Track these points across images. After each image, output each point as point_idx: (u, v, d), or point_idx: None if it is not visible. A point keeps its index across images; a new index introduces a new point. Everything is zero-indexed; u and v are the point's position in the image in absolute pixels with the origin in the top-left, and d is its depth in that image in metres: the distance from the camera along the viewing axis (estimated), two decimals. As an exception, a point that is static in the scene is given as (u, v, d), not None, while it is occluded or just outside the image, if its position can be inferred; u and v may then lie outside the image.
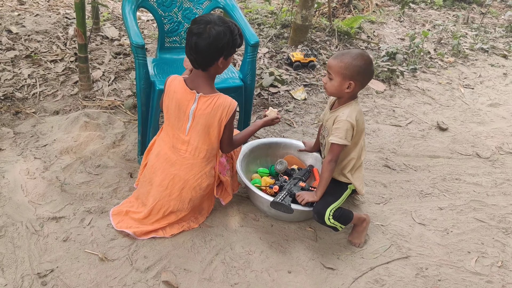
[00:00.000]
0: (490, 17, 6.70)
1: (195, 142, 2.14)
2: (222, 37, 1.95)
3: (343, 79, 2.10)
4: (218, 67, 2.05)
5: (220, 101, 2.05)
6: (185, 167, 2.19)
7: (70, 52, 3.89)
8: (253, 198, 2.47)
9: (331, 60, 2.14)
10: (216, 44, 1.95)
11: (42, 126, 2.94)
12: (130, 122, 3.08)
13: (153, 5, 2.80)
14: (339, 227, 2.21)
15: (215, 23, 1.95)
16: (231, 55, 2.07)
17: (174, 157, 2.19)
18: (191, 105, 2.07)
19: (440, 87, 4.29)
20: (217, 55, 1.99)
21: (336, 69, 2.10)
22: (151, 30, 4.64)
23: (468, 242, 2.45)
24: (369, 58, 2.12)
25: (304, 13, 4.45)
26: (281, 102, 3.64)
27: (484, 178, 3.02)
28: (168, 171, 2.21)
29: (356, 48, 2.15)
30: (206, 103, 2.05)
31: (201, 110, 2.06)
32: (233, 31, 2.00)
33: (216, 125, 2.09)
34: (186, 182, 2.20)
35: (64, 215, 2.28)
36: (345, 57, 2.08)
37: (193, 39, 1.96)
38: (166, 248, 2.18)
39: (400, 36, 5.47)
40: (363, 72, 2.09)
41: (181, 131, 2.14)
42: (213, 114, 2.06)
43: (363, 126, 2.25)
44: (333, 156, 2.17)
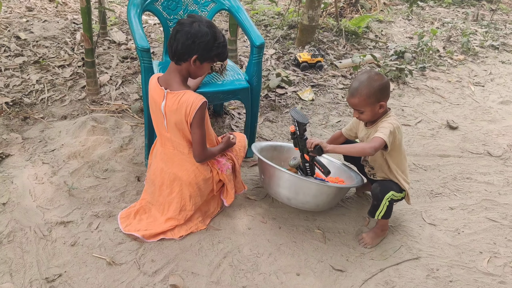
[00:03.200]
0: (500, 13, 6.62)
1: (176, 139, 2.17)
2: (202, 35, 1.98)
3: (372, 106, 2.14)
4: (190, 66, 2.04)
5: (184, 98, 2.04)
6: (177, 164, 2.22)
7: (77, 57, 3.91)
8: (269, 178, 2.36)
9: (351, 100, 2.16)
10: (194, 39, 1.97)
11: (50, 131, 2.95)
12: (137, 126, 3.08)
13: (159, 8, 2.80)
14: (380, 212, 2.23)
15: (202, 23, 2.00)
16: (207, 60, 2.07)
17: (166, 155, 2.25)
18: (161, 101, 2.09)
19: (450, 86, 4.24)
20: (192, 50, 1.99)
21: (361, 104, 2.14)
22: (157, 34, 4.65)
23: (480, 242, 2.41)
24: (377, 73, 2.16)
25: (311, 13, 4.43)
26: (288, 103, 3.62)
27: (496, 176, 2.97)
28: (164, 170, 2.25)
29: (361, 73, 2.15)
30: (172, 100, 2.06)
31: (169, 107, 2.08)
32: (217, 38, 2.03)
33: (184, 122, 2.08)
34: (181, 178, 2.22)
35: (72, 220, 2.29)
36: (361, 89, 2.11)
37: (177, 26, 2.02)
38: (173, 252, 2.17)
39: (409, 35, 5.42)
40: (383, 88, 2.13)
41: (163, 128, 2.18)
42: (179, 112, 2.05)
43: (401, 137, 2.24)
44: (375, 146, 2.06)
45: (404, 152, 2.30)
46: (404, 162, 2.29)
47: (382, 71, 4.24)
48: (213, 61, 2.12)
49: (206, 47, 2.00)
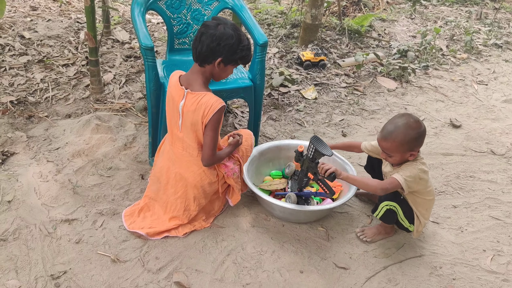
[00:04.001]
0: (504, 12, 6.60)
1: (188, 140, 2.17)
2: (228, 37, 1.98)
3: (402, 153, 2.09)
4: (214, 68, 2.05)
5: (204, 100, 2.04)
6: (184, 165, 2.22)
7: (81, 56, 3.93)
8: (262, 203, 2.47)
9: (382, 143, 2.10)
10: (219, 41, 1.97)
11: (54, 130, 2.97)
12: (141, 124, 3.10)
13: (162, 7, 2.81)
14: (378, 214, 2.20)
15: (227, 25, 2.00)
16: (231, 63, 2.07)
17: (174, 155, 2.24)
18: (181, 101, 2.10)
19: (453, 84, 4.24)
20: (216, 53, 2.00)
21: (392, 149, 2.08)
22: (161, 33, 4.66)
23: (483, 240, 2.41)
24: (417, 121, 2.07)
25: (314, 12, 4.43)
26: (291, 102, 3.63)
27: (499, 175, 2.97)
28: (171, 169, 2.26)
29: (399, 116, 2.11)
30: (191, 100, 2.06)
31: (187, 107, 2.08)
32: (242, 41, 2.03)
33: (200, 123, 2.08)
34: (187, 180, 2.23)
35: (77, 217, 2.30)
36: (396, 135, 2.04)
37: (202, 28, 2.02)
38: (177, 249, 2.18)
39: (412, 34, 5.41)
40: (419, 137, 2.07)
41: (176, 127, 2.18)
42: (197, 112, 2.05)
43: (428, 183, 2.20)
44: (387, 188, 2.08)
45: (432, 196, 2.23)
46: (427, 204, 2.23)
47: (384, 69, 4.24)
48: (237, 64, 2.12)
49: (231, 49, 2.00)
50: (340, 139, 3.21)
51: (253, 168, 2.61)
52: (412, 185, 2.09)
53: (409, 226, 2.26)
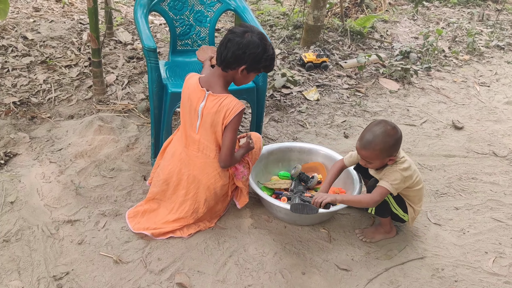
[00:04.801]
0: (506, 13, 6.59)
1: (205, 141, 2.16)
2: (254, 46, 2.00)
3: (382, 160, 2.13)
4: (237, 74, 2.07)
5: (226, 102, 2.06)
6: (198, 167, 2.20)
7: (84, 57, 3.94)
8: (266, 204, 2.47)
9: (362, 151, 2.13)
10: (245, 49, 1.99)
11: (57, 131, 2.98)
12: (144, 125, 3.10)
13: (165, 8, 2.82)
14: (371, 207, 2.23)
15: (254, 34, 2.02)
16: (254, 71, 2.09)
17: (188, 157, 2.22)
18: (200, 102, 2.10)
19: (455, 86, 4.23)
20: (241, 60, 2.02)
21: (372, 157, 2.12)
22: (163, 34, 4.67)
23: (485, 242, 2.41)
24: (393, 127, 2.10)
25: (316, 13, 4.43)
26: (293, 103, 3.63)
27: (501, 177, 2.96)
28: (183, 171, 2.24)
29: (376, 124, 2.13)
30: (213, 102, 2.07)
31: (208, 108, 2.08)
32: (267, 50, 2.05)
33: (220, 125, 2.09)
34: (200, 182, 2.21)
35: (79, 218, 2.31)
36: (375, 144, 2.07)
37: (229, 35, 2.04)
38: (179, 250, 2.18)
39: (414, 35, 5.41)
40: (397, 143, 2.11)
41: (193, 129, 2.17)
42: (219, 114, 2.06)
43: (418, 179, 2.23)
44: (377, 200, 2.13)
45: (420, 185, 2.25)
46: (417, 193, 2.26)
47: (387, 71, 4.24)
48: (260, 72, 2.14)
49: (256, 58, 2.02)
50: (341, 140, 3.21)
51: (261, 165, 2.62)
52: (400, 186, 2.14)
53: (403, 216, 2.28)
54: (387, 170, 2.17)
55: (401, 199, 2.25)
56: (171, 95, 2.50)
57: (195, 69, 2.82)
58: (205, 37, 2.99)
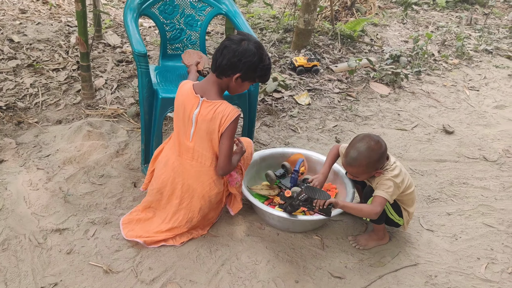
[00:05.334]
0: (493, 17, 6.66)
1: (200, 149, 2.12)
2: (250, 55, 1.98)
3: (368, 174, 2.18)
4: (231, 82, 2.04)
5: (221, 108, 2.02)
6: (193, 176, 2.17)
7: (72, 60, 3.88)
8: (258, 212, 2.45)
9: (348, 168, 2.18)
10: (240, 57, 1.97)
11: (44, 136, 2.92)
12: (133, 131, 3.06)
13: (155, 12, 2.78)
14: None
15: (251, 42, 2.00)
16: (249, 79, 2.07)
17: (181, 165, 2.18)
18: (195, 109, 2.06)
19: (445, 90, 4.26)
20: (236, 68, 1.99)
21: (359, 172, 2.18)
22: (153, 37, 4.63)
23: (477, 248, 2.42)
24: (377, 142, 2.13)
25: (307, 17, 4.42)
26: (285, 108, 3.61)
27: (492, 182, 2.98)
28: (176, 181, 2.20)
29: (360, 140, 2.15)
30: (208, 109, 2.03)
31: (203, 115, 2.04)
32: (263, 60, 2.02)
33: (216, 132, 2.06)
34: (195, 190, 2.18)
35: (68, 227, 2.26)
36: (360, 161, 2.11)
37: (225, 41, 2.02)
38: (171, 259, 2.15)
39: (404, 39, 5.44)
40: (382, 157, 2.14)
41: (186, 136, 2.13)
42: (214, 121, 2.03)
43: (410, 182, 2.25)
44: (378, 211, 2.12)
45: (412, 188, 2.26)
46: (410, 196, 2.27)
47: (377, 75, 4.25)
48: (255, 81, 2.12)
49: (251, 67, 2.00)
50: (333, 145, 3.18)
51: (253, 171, 2.59)
52: (395, 192, 2.16)
53: (398, 220, 2.29)
54: (380, 179, 2.17)
55: (396, 204, 2.25)
56: (161, 101, 2.47)
57: (186, 74, 2.78)
58: (196, 41, 2.95)
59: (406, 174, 2.24)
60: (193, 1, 2.86)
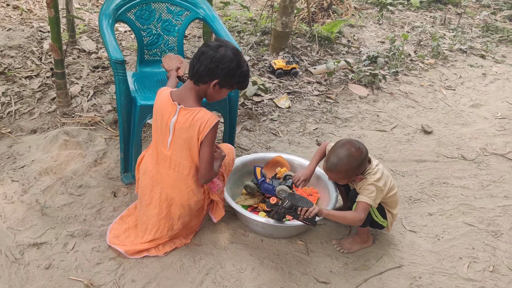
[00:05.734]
0: (466, 17, 6.79)
1: (178, 158, 2.08)
2: (227, 61, 1.94)
3: (348, 179, 2.22)
4: (209, 88, 2.00)
5: (199, 116, 1.98)
6: (170, 185, 2.13)
7: (46, 67, 3.78)
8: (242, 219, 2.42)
9: (329, 173, 2.21)
10: (218, 63, 1.93)
11: (19, 146, 2.83)
12: (112, 139, 2.99)
13: (131, 18, 2.73)
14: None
15: (228, 49, 1.97)
16: (227, 86, 2.03)
17: (159, 174, 2.14)
18: (172, 117, 2.02)
19: (423, 90, 4.31)
20: (213, 75, 1.95)
21: (339, 178, 2.21)
22: (129, 42, 4.55)
23: (459, 247, 2.44)
24: (358, 148, 2.14)
25: (284, 19, 4.42)
26: (265, 111, 3.59)
27: (471, 180, 3.02)
28: (154, 190, 2.16)
29: (341, 146, 2.16)
30: (185, 117, 1.99)
31: (180, 123, 2.00)
32: (241, 66, 1.99)
33: (195, 140, 2.01)
34: (173, 199, 2.14)
35: (46, 241, 2.19)
36: (340, 167, 2.13)
37: (202, 48, 1.99)
38: (154, 270, 2.10)
39: (380, 39, 5.49)
40: (362, 163, 2.15)
41: (163, 145, 2.09)
42: (192, 129, 1.99)
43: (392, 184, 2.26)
44: (362, 218, 2.14)
45: (395, 190, 2.27)
46: (393, 198, 2.28)
47: (355, 76, 4.27)
48: (233, 88, 2.09)
49: (229, 73, 1.97)
50: (314, 148, 3.20)
51: (235, 178, 2.57)
52: (378, 196, 2.17)
53: (383, 222, 2.30)
54: (363, 184, 2.17)
55: (380, 206, 2.26)
56: (140, 108, 2.42)
57: (165, 80, 2.74)
58: (174, 46, 2.91)
59: (388, 176, 2.25)
60: (170, 6, 2.82)
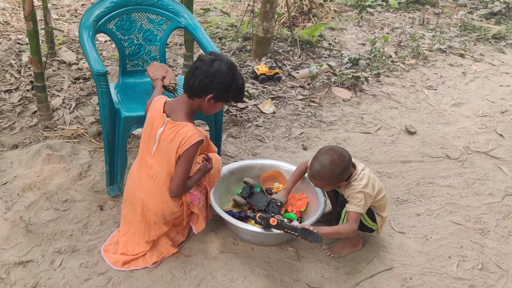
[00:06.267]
0: (444, 17, 6.89)
1: (157, 168, 2.08)
2: (222, 75, 1.94)
3: (332, 186, 2.23)
4: (204, 103, 2.01)
5: (183, 131, 1.97)
6: (146, 192, 2.13)
7: (25, 80, 3.71)
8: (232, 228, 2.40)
9: (312, 180, 2.22)
10: (212, 78, 1.94)
11: (0, 162, 2.77)
12: (96, 151, 2.95)
13: (112, 29, 2.69)
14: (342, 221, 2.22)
15: (223, 63, 1.97)
16: (222, 100, 2.04)
17: (139, 179, 2.15)
18: (159, 127, 2.03)
19: (405, 90, 4.35)
20: (208, 89, 1.96)
21: (322, 184, 2.23)
22: (109, 51, 4.50)
23: (447, 247, 2.47)
24: (340, 155, 2.15)
25: (266, 25, 4.43)
26: (250, 118, 3.59)
27: (456, 179, 3.06)
28: (134, 192, 2.17)
29: (323, 153, 2.18)
30: (170, 130, 2.00)
31: (165, 135, 2.01)
32: (236, 80, 1.99)
33: (174, 154, 2.00)
34: (148, 206, 2.13)
35: (32, 259, 2.15)
36: (323, 174, 2.14)
37: (197, 62, 1.99)
38: (144, 284, 2.08)
39: (361, 41, 5.53)
40: (345, 170, 2.16)
41: (149, 152, 2.10)
42: (174, 143, 1.99)
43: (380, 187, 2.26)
44: (354, 228, 2.14)
45: (383, 193, 2.28)
46: (381, 202, 2.29)
47: (338, 79, 4.30)
48: (228, 101, 2.12)
49: (224, 88, 1.97)
50: (301, 153, 3.20)
51: (223, 186, 2.55)
52: (367, 203, 2.18)
53: (372, 226, 2.31)
54: (350, 191, 2.18)
55: (369, 210, 2.26)
56: (124, 120, 2.39)
57: (148, 90, 2.72)
58: (156, 56, 2.89)
59: (375, 179, 2.26)
60: (151, 16, 2.80)
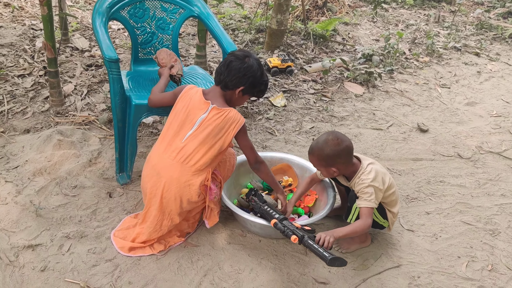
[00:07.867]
0: (460, 15, 6.80)
1: (190, 150, 2.10)
2: (253, 70, 2.15)
3: (325, 168, 2.20)
4: (234, 95, 2.18)
5: (232, 115, 2.12)
6: (171, 175, 2.10)
7: (38, 65, 3.73)
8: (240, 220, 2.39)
9: (309, 156, 2.25)
10: (245, 72, 2.13)
11: (12, 146, 2.79)
12: (106, 138, 2.96)
13: (125, 16, 2.69)
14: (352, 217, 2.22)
15: (253, 59, 2.17)
16: (248, 93, 2.22)
17: (161, 164, 2.13)
18: (201, 114, 2.11)
19: (418, 88, 4.31)
20: (240, 82, 2.14)
21: (315, 162, 2.24)
22: (122, 39, 4.50)
23: (457, 246, 2.44)
24: (336, 138, 2.15)
25: (279, 17, 4.40)
26: (261, 110, 3.57)
27: (468, 179, 3.02)
28: (154, 179, 2.14)
29: (324, 133, 2.22)
30: (217, 115, 2.11)
31: (210, 120, 2.10)
32: (264, 76, 2.21)
33: (221, 137, 2.11)
34: (169, 188, 2.11)
35: (41, 242, 2.16)
36: (314, 150, 2.18)
37: (230, 57, 2.18)
38: (151, 272, 2.08)
39: (375, 37, 5.48)
40: (336, 155, 2.14)
41: (179, 137, 2.13)
42: (222, 126, 2.10)
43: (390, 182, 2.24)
44: (369, 223, 2.12)
45: (393, 188, 2.26)
46: (393, 197, 2.26)
47: (351, 74, 4.26)
48: (253, 96, 2.28)
49: (254, 82, 2.17)
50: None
51: (232, 178, 2.54)
52: (378, 197, 2.16)
53: (383, 222, 2.29)
54: (360, 186, 2.15)
55: (380, 206, 2.24)
56: (135, 107, 2.39)
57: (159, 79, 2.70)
58: (168, 44, 2.88)
59: (385, 174, 2.23)
60: (164, 4, 2.78)
